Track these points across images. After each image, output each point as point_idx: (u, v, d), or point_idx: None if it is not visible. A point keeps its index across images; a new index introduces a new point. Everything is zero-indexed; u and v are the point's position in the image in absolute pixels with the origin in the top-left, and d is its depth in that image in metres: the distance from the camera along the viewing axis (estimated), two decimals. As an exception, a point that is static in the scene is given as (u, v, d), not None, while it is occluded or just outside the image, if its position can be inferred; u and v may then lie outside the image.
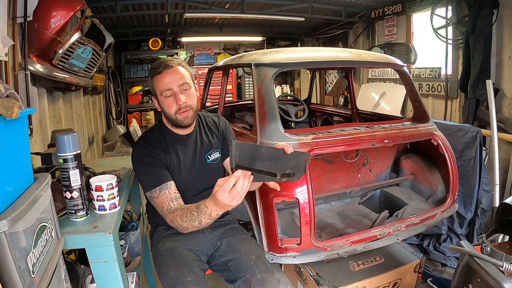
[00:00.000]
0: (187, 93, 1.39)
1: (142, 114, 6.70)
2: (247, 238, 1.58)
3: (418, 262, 2.08)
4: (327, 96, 6.19)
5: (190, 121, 1.43)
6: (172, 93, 1.38)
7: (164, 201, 1.35)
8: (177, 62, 1.42)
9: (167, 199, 1.35)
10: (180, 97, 1.37)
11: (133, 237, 1.67)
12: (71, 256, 1.32)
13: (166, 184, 1.37)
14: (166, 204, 1.34)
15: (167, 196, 1.35)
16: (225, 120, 1.67)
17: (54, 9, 2.32)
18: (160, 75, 1.38)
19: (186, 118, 1.41)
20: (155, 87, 1.41)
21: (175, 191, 1.38)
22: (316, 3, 4.41)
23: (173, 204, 1.34)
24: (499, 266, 1.02)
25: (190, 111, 1.40)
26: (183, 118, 1.40)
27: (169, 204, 1.34)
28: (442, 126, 2.38)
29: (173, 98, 1.38)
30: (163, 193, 1.35)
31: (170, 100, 1.38)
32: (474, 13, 2.97)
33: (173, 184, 1.39)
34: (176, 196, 1.36)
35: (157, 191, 1.36)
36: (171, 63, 1.39)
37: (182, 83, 1.38)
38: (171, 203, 1.34)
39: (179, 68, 1.40)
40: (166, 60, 1.42)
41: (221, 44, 7.31)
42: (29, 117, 2.13)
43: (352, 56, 2.25)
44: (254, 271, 1.37)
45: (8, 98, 0.84)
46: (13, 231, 0.74)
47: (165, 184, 1.37)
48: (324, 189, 2.31)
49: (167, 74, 1.37)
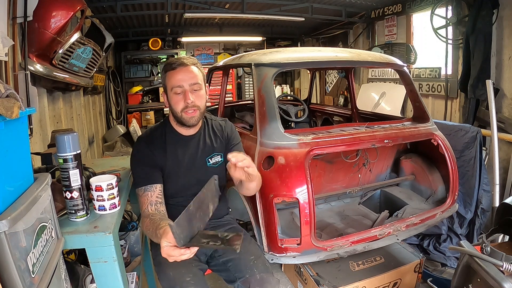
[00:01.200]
0: (196, 94, 1.41)
1: (142, 114, 6.69)
2: (247, 238, 1.57)
3: (418, 262, 2.08)
4: (327, 96, 6.19)
5: (195, 121, 1.44)
6: (182, 91, 1.39)
7: (144, 202, 1.37)
8: (192, 62, 1.44)
9: (147, 201, 1.37)
10: (190, 96, 1.38)
11: (133, 237, 1.67)
12: (71, 256, 1.32)
13: (152, 186, 1.39)
14: (145, 206, 1.37)
15: (147, 198, 1.37)
16: (232, 125, 1.66)
17: (54, 9, 2.32)
18: (174, 71, 1.40)
19: (192, 118, 1.42)
20: (166, 82, 1.42)
21: (158, 196, 1.39)
22: (316, 3, 4.41)
23: (151, 208, 1.36)
24: (499, 266, 1.02)
25: (197, 111, 1.42)
26: (188, 117, 1.41)
27: (147, 207, 1.36)
28: (442, 126, 2.38)
29: (182, 95, 1.39)
30: (146, 194, 1.38)
31: (179, 97, 1.40)
32: (474, 13, 2.97)
33: (159, 188, 1.41)
34: (156, 201, 1.38)
35: (142, 190, 1.39)
36: (187, 62, 1.42)
37: (194, 82, 1.40)
38: (149, 206, 1.36)
39: (193, 67, 1.42)
40: (182, 58, 1.44)
41: (221, 44, 7.31)
42: (29, 117, 2.13)
43: (352, 56, 2.25)
44: (253, 271, 1.37)
45: (8, 98, 0.84)
46: (13, 231, 0.74)
47: (150, 186, 1.39)
48: (324, 189, 2.31)
49: (181, 71, 1.39)
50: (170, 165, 1.46)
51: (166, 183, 1.46)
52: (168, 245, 1.01)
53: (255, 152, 1.86)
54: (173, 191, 1.50)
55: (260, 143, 1.86)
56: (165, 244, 1.02)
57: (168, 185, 1.47)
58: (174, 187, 1.49)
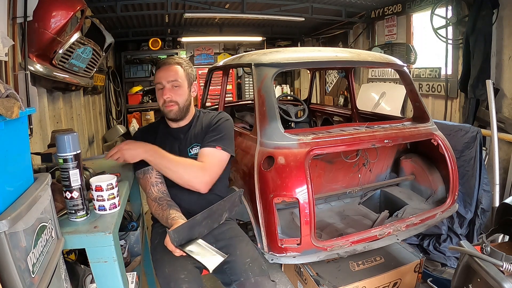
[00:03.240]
0: (175, 90, 1.54)
1: (142, 114, 6.70)
2: (244, 240, 1.55)
3: (418, 262, 2.08)
4: (327, 96, 6.19)
5: (173, 115, 1.57)
6: (162, 87, 1.54)
7: (146, 184, 1.52)
8: (175, 61, 1.58)
9: (148, 183, 1.52)
10: (167, 91, 1.53)
11: (133, 237, 1.67)
12: (71, 256, 1.32)
13: (148, 168, 1.51)
14: (148, 188, 1.52)
15: (148, 180, 1.52)
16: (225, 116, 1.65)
17: (54, 9, 2.32)
18: (159, 69, 1.56)
19: (170, 111, 1.56)
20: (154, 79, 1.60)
21: (156, 176, 1.52)
22: (316, 3, 4.41)
23: (154, 190, 1.51)
24: (499, 266, 1.02)
25: (175, 106, 1.55)
26: (168, 111, 1.56)
27: (150, 189, 1.51)
28: (442, 126, 2.38)
29: (162, 91, 1.55)
30: (146, 177, 1.52)
31: (159, 93, 1.56)
32: (474, 13, 2.97)
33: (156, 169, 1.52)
34: (157, 181, 1.52)
35: (141, 173, 1.53)
36: (170, 61, 1.57)
37: (172, 79, 1.53)
38: (152, 187, 1.51)
39: (175, 66, 1.55)
40: (170, 58, 1.60)
41: (221, 44, 7.31)
42: (29, 117, 2.13)
43: (352, 56, 2.25)
44: (248, 274, 1.37)
45: (8, 98, 0.84)
46: (13, 231, 0.74)
47: (147, 168, 1.51)
48: (324, 189, 2.31)
49: (163, 70, 1.55)
50: None
51: None
52: None
53: (255, 152, 1.86)
54: None
55: (260, 143, 1.86)
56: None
57: None
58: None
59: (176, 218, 1.38)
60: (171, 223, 1.37)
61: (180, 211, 1.46)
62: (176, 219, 1.37)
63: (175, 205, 1.48)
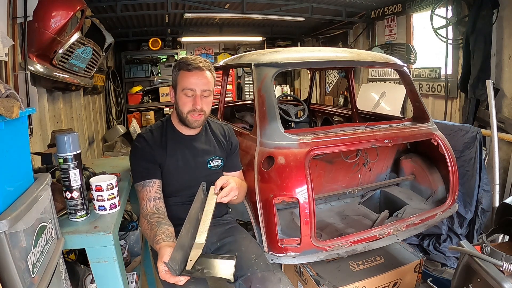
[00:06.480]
0: (205, 100, 1.44)
1: (142, 114, 6.69)
2: (247, 237, 1.58)
3: (418, 262, 2.08)
4: (327, 96, 6.19)
5: (198, 125, 1.48)
6: (193, 94, 1.42)
7: (143, 198, 1.39)
8: (208, 67, 1.45)
9: (146, 197, 1.39)
10: (199, 101, 1.41)
11: (133, 237, 1.68)
12: (71, 256, 1.32)
13: (151, 181, 1.41)
14: (144, 203, 1.39)
15: (146, 194, 1.39)
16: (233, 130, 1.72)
17: (54, 9, 2.32)
18: (189, 72, 1.41)
19: (196, 121, 1.45)
20: (178, 80, 1.44)
21: (156, 191, 1.41)
22: (316, 3, 4.41)
23: (149, 205, 1.38)
24: (499, 266, 1.02)
25: (202, 116, 1.45)
26: (193, 120, 1.45)
27: (145, 204, 1.38)
28: (442, 126, 2.38)
29: (192, 99, 1.42)
30: (145, 190, 1.40)
31: (188, 99, 1.42)
32: (474, 13, 2.97)
33: (158, 183, 1.42)
34: (155, 197, 1.40)
35: (141, 186, 1.41)
36: (203, 66, 1.43)
37: (206, 89, 1.43)
38: (148, 203, 1.38)
39: (208, 73, 1.44)
40: (198, 60, 1.44)
41: (221, 44, 7.31)
42: (29, 117, 2.12)
43: (352, 56, 2.25)
44: (255, 269, 1.38)
45: (8, 98, 0.84)
46: (13, 231, 0.74)
47: (149, 181, 1.40)
48: (324, 189, 2.31)
49: (196, 75, 1.41)
50: (169, 163, 1.47)
51: (164, 182, 1.47)
52: (165, 270, 1.05)
53: (255, 152, 1.86)
54: (171, 190, 1.50)
55: (260, 143, 1.86)
56: (162, 268, 1.06)
57: (165, 184, 1.48)
58: (172, 185, 1.50)
59: (160, 241, 1.18)
60: (155, 247, 1.20)
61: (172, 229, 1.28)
62: (160, 242, 1.18)
63: (166, 223, 1.30)
